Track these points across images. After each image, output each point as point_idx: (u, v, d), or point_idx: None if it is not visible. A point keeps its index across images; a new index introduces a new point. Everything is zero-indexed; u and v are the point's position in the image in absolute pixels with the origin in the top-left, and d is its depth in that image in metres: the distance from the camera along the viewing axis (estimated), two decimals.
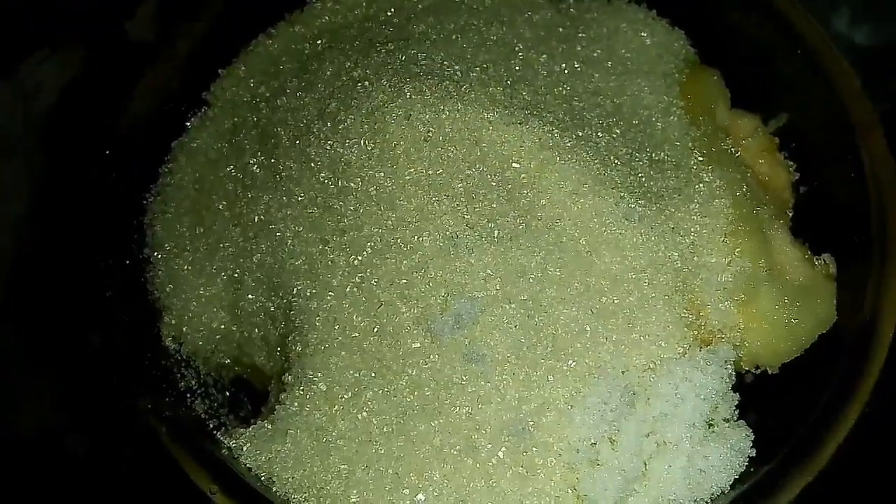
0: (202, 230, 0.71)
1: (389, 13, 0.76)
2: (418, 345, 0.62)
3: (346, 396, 0.62)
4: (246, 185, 0.70)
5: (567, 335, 0.62)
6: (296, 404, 0.63)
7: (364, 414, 0.62)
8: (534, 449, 0.60)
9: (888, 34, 0.91)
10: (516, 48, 0.72)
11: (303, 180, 0.66)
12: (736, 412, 0.63)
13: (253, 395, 0.73)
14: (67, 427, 0.85)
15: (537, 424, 0.60)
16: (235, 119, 0.73)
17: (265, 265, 0.67)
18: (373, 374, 0.62)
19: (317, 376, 0.63)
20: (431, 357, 0.61)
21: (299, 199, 0.66)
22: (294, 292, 0.65)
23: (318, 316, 0.64)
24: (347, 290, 0.63)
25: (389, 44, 0.71)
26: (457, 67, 0.69)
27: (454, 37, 0.72)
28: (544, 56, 0.72)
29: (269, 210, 0.68)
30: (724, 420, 0.62)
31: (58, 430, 0.85)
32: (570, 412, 0.60)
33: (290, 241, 0.66)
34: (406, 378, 0.62)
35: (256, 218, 0.68)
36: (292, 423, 0.62)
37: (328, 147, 0.65)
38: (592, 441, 0.60)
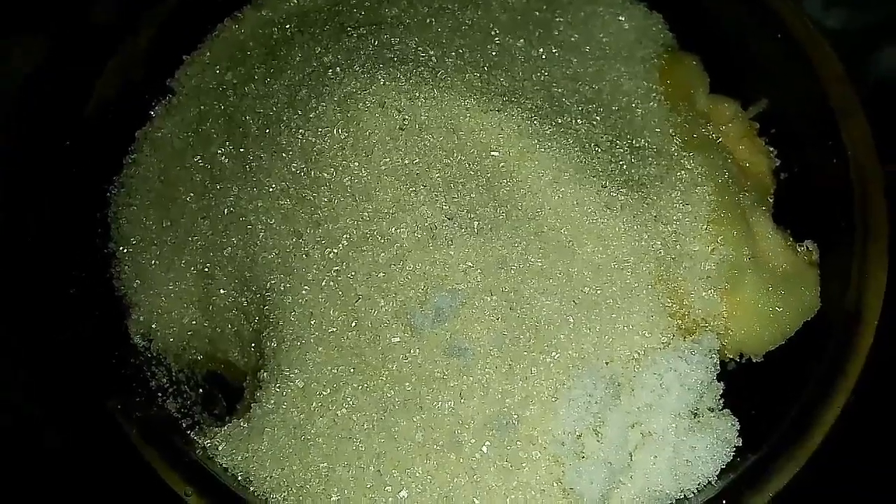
0: (169, 223, 0.69)
1: None
2: (398, 339, 0.61)
3: (324, 393, 0.61)
4: (214, 176, 0.68)
5: (550, 327, 0.61)
6: (272, 402, 0.62)
7: (343, 410, 0.61)
8: (518, 443, 0.59)
9: (860, 18, 0.91)
10: (492, 32, 0.71)
11: (274, 171, 0.65)
12: (721, 401, 0.63)
13: (227, 391, 0.71)
14: (43, 421, 0.83)
15: (521, 418, 0.60)
16: (202, 107, 0.71)
17: (237, 259, 0.66)
18: (352, 370, 0.61)
19: (294, 373, 0.61)
20: (412, 351, 0.60)
21: (270, 190, 0.65)
22: (268, 287, 0.64)
23: (294, 311, 0.62)
24: (323, 283, 0.62)
25: (361, 28, 0.70)
26: (431, 53, 0.68)
27: (428, 21, 0.71)
28: (521, 41, 0.71)
29: (238, 202, 0.66)
30: (709, 409, 0.62)
31: (33, 423, 0.83)
32: (555, 405, 0.60)
33: (262, 233, 0.64)
34: (386, 373, 0.61)
35: (226, 210, 0.66)
36: (269, 421, 0.61)
37: (300, 136, 0.64)
38: (577, 433, 0.60)
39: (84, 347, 0.65)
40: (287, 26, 0.73)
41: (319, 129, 0.63)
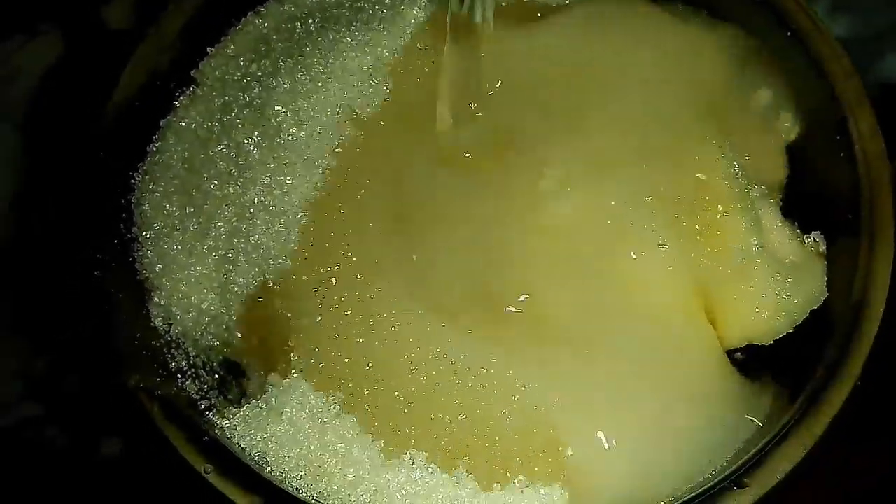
0: (192, 210, 0.70)
1: None
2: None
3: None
4: (240, 165, 0.69)
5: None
6: (290, 384, 0.62)
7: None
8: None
9: (866, 25, 0.92)
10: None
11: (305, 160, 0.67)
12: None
13: (241, 379, 0.72)
14: (43, 421, 0.83)
15: None
16: (226, 97, 0.72)
17: (261, 246, 0.67)
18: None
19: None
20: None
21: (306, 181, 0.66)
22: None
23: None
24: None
25: (384, 26, 0.72)
26: None
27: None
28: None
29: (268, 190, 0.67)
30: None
31: (33, 423, 0.83)
32: None
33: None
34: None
35: (255, 199, 0.67)
36: (287, 403, 0.62)
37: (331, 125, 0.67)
38: None
39: (107, 327, 0.65)
40: (310, 21, 0.74)
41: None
